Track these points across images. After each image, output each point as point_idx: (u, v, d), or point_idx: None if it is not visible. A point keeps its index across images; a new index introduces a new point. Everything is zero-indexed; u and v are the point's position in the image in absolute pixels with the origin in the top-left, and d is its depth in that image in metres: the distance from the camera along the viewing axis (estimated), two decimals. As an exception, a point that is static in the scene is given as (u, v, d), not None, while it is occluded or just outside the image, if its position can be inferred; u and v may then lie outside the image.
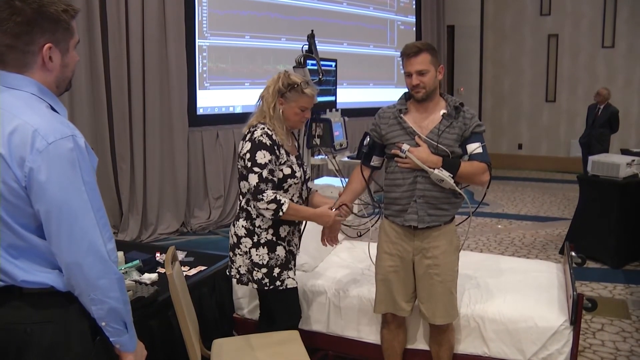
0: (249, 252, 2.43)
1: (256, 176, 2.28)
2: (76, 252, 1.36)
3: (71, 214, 1.35)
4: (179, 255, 3.13)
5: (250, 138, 2.33)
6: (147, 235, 5.61)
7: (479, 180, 2.41)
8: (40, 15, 1.37)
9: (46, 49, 1.41)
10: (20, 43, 1.38)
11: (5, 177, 1.34)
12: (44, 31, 1.39)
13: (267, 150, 2.30)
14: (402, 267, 2.49)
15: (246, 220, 2.42)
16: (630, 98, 9.62)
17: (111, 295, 1.39)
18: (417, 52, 2.34)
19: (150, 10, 5.50)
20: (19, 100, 1.38)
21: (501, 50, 10.53)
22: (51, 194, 1.33)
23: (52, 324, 1.40)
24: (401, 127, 2.41)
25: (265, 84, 2.45)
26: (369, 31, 8.14)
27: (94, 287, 1.38)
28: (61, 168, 1.34)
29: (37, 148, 1.32)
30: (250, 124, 2.42)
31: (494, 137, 10.38)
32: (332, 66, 4.87)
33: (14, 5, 1.35)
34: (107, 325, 1.42)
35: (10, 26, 1.35)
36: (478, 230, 6.01)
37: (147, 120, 5.60)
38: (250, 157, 2.30)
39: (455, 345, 2.64)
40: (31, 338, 1.38)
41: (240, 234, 2.44)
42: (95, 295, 1.38)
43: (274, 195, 2.28)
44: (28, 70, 1.41)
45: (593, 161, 4.98)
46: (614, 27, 9.64)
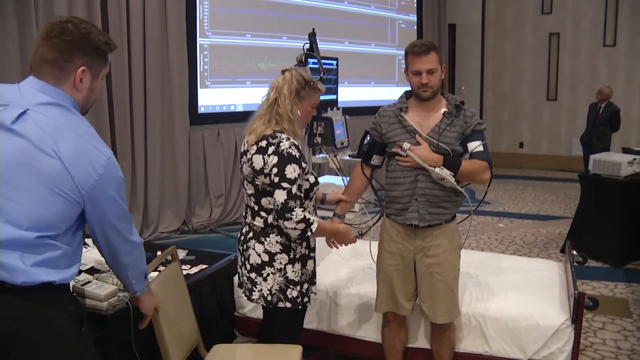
0: (284, 269, 2.23)
1: (285, 192, 2.09)
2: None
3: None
4: (180, 254, 3.13)
5: (277, 151, 2.12)
6: (149, 233, 5.62)
7: (480, 179, 2.41)
8: (85, 40, 1.53)
9: (80, 70, 1.54)
10: (61, 59, 1.51)
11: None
12: (84, 54, 1.54)
13: (297, 163, 2.12)
14: (403, 265, 2.49)
15: (279, 235, 2.22)
16: (632, 96, 9.60)
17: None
18: (428, 50, 2.32)
19: (151, 8, 5.50)
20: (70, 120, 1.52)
21: (502, 49, 10.51)
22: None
23: (39, 317, 1.44)
24: (402, 125, 2.41)
25: (272, 86, 2.24)
26: (370, 30, 8.13)
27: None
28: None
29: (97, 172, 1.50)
30: (262, 134, 2.17)
31: (495, 135, 10.36)
32: (333, 65, 4.86)
33: (66, 27, 1.51)
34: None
35: (57, 42, 1.50)
36: (479, 229, 6.00)
37: (148, 118, 5.60)
38: (279, 172, 2.10)
39: (456, 344, 2.64)
40: (18, 333, 1.41)
41: (273, 251, 2.22)
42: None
43: (303, 214, 2.11)
44: (60, 85, 1.53)
45: (594, 160, 4.97)
46: (616, 26, 9.62)
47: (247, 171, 2.22)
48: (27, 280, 1.42)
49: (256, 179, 2.19)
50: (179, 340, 2.19)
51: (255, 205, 2.25)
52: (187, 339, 2.30)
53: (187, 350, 2.28)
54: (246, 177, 2.25)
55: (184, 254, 3.11)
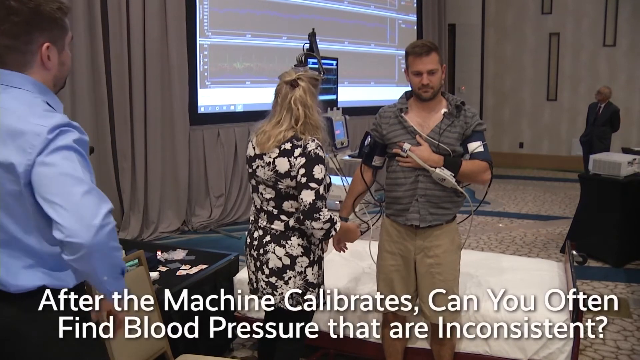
0: (304, 271, 2.22)
1: (313, 193, 2.08)
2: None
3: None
4: (180, 254, 3.14)
5: (304, 153, 2.11)
6: (149, 233, 5.62)
7: (481, 179, 2.41)
8: (37, 15, 1.38)
9: (45, 48, 1.42)
10: (19, 43, 1.39)
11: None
12: (42, 30, 1.41)
13: (323, 164, 2.13)
14: (404, 266, 2.49)
15: (301, 238, 2.22)
16: (632, 96, 9.60)
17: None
18: (429, 51, 2.32)
19: (151, 8, 5.50)
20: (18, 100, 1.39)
21: (503, 48, 10.51)
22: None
23: (37, 323, 1.41)
24: (402, 126, 2.41)
25: (294, 100, 2.15)
26: (370, 30, 8.13)
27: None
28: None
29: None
30: (284, 139, 2.13)
31: (495, 135, 10.37)
32: (333, 65, 4.87)
33: (10, 6, 1.35)
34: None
35: (8, 27, 1.36)
36: (479, 229, 6.00)
37: (149, 118, 5.60)
38: (307, 172, 2.09)
39: (456, 344, 2.64)
40: (17, 338, 1.39)
41: (295, 254, 2.21)
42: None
43: (329, 214, 2.12)
44: (28, 69, 1.42)
45: (594, 160, 4.97)
46: (616, 26, 9.62)
47: (267, 175, 2.18)
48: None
49: (279, 182, 2.16)
50: (133, 348, 2.13)
51: (274, 210, 2.22)
52: (145, 347, 2.23)
53: (145, 359, 2.23)
54: (264, 181, 2.20)
55: (184, 254, 3.11)
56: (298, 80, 2.18)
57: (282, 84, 2.21)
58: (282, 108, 2.18)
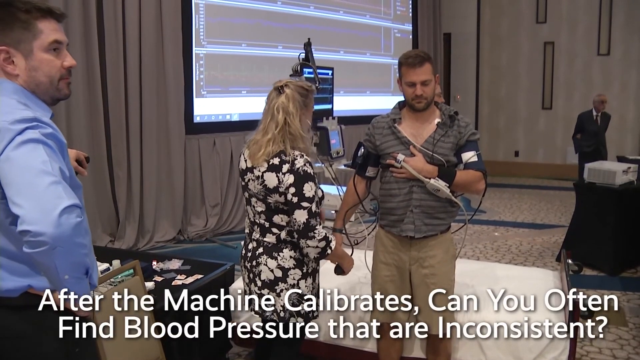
0: (297, 284, 2.21)
1: (305, 212, 2.07)
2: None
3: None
4: (176, 264, 3.13)
5: (292, 170, 2.09)
6: (144, 243, 5.60)
7: (475, 189, 2.41)
8: None
9: (2, 51, 1.37)
10: None
11: None
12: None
13: (313, 181, 2.11)
14: (399, 276, 2.48)
15: (293, 250, 2.20)
16: (626, 104, 9.65)
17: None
18: (422, 61, 2.32)
19: (147, 17, 5.51)
20: None
21: (498, 57, 10.57)
22: None
23: (25, 339, 1.40)
24: (396, 137, 2.41)
25: (277, 108, 2.14)
26: (366, 39, 8.17)
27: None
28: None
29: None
30: (272, 152, 2.11)
31: (490, 144, 10.40)
32: (329, 74, 4.88)
33: None
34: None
35: None
36: (475, 238, 6.01)
37: (144, 127, 5.60)
38: (297, 192, 2.07)
39: (452, 354, 2.64)
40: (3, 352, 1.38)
41: (287, 266, 2.19)
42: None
43: (324, 232, 2.12)
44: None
45: (589, 168, 4.98)
46: (609, 34, 9.69)
47: (257, 189, 2.17)
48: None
49: (269, 197, 2.15)
50: (127, 356, 2.13)
51: (265, 222, 2.21)
52: (140, 356, 2.22)
53: None
54: (255, 195, 2.20)
55: (180, 264, 3.10)
56: (285, 87, 2.17)
57: (271, 90, 2.22)
58: (268, 114, 2.18)
